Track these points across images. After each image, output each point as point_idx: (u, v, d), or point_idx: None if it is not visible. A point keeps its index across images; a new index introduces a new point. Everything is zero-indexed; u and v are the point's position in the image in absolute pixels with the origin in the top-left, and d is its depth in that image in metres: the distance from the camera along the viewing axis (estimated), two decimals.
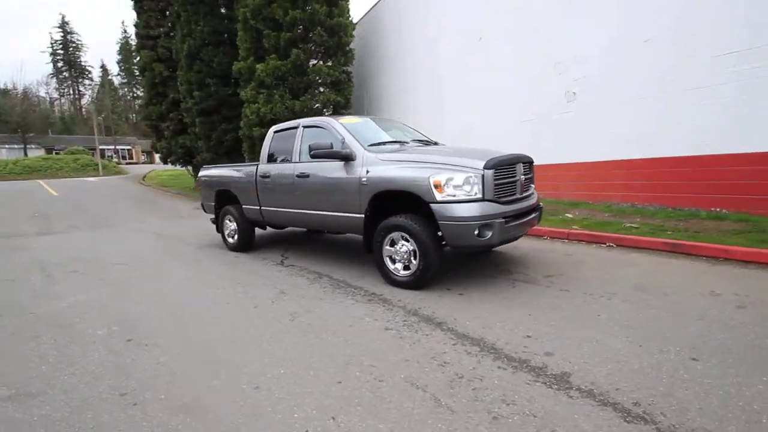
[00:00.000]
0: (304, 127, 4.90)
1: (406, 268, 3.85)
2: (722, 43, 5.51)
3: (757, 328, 2.70)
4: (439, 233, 3.61)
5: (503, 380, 2.24)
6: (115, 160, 44.79)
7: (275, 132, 5.34)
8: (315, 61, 11.88)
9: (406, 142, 4.62)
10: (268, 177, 5.18)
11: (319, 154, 4.21)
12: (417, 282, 3.76)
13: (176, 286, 4.41)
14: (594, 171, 7.28)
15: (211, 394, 2.25)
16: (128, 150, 54.18)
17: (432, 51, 10.90)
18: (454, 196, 3.49)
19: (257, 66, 11.23)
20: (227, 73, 13.40)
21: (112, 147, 50.76)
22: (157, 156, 28.86)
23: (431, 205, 3.54)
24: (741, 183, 5.47)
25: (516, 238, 4.21)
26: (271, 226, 5.86)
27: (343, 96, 11.91)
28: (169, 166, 19.87)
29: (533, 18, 8.03)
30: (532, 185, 4.39)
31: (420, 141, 4.86)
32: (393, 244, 3.90)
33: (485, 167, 3.53)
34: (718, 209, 5.65)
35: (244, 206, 5.69)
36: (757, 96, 5.25)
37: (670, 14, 6.04)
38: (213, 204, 6.26)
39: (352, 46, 12.33)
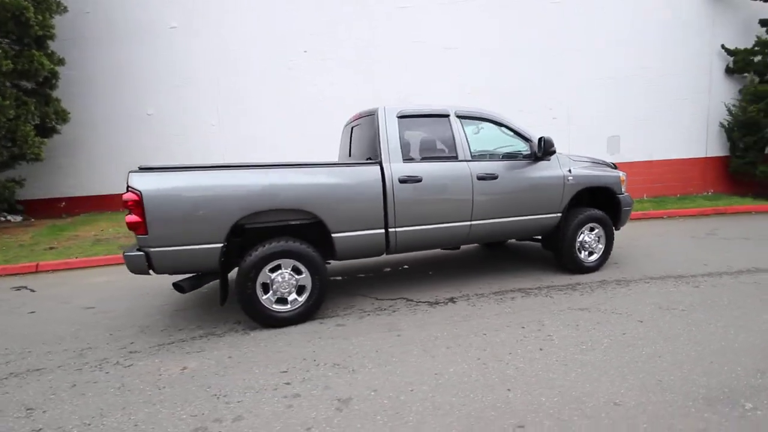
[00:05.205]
0: (460, 117, 3.80)
1: (590, 254, 4.41)
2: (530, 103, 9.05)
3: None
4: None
5: None
6: None
7: (401, 118, 3.56)
8: None
9: None
10: (416, 181, 3.47)
11: (550, 151, 3.80)
12: (599, 265, 4.45)
13: None
14: None
15: None
16: None
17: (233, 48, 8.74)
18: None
19: None
20: None
21: None
22: None
23: (619, 196, 4.44)
24: None
25: None
26: (400, 252, 3.67)
27: (53, 61, 7.10)
28: None
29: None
30: None
31: None
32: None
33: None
34: None
35: (340, 235, 3.30)
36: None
37: (484, 74, 9.02)
38: (219, 247, 2.99)
39: None
